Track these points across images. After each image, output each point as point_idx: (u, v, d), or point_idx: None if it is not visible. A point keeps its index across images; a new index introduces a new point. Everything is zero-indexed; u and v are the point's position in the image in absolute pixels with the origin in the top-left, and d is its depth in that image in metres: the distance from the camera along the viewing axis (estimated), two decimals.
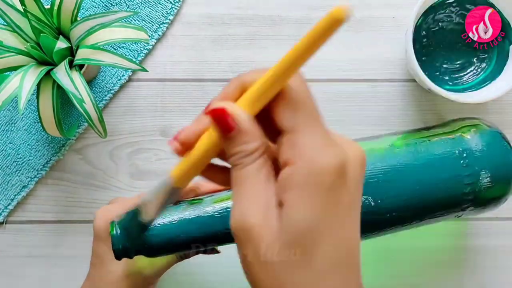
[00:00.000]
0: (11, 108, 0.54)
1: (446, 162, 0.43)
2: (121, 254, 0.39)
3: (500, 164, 0.44)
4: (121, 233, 0.38)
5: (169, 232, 0.40)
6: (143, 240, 0.39)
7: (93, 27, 0.45)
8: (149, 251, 0.40)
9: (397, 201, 0.42)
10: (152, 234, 0.39)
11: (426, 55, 0.52)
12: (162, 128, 0.54)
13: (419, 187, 0.42)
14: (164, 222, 0.40)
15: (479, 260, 0.55)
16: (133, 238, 0.38)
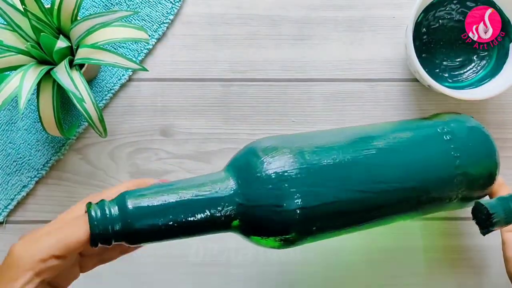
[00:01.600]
0: (11, 108, 0.54)
1: (432, 139, 0.44)
2: (98, 239, 0.36)
3: (479, 140, 0.45)
4: (101, 215, 0.36)
5: (156, 215, 0.37)
6: (125, 224, 0.37)
7: (93, 27, 0.45)
8: (131, 237, 0.37)
9: (397, 179, 0.42)
10: (135, 217, 0.37)
11: (426, 52, 0.52)
12: (162, 128, 0.54)
13: (412, 166, 0.43)
14: (147, 204, 0.37)
15: (479, 260, 0.55)
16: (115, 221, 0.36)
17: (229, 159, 0.43)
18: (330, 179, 0.40)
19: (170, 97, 0.54)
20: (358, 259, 0.55)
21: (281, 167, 0.39)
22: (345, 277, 0.55)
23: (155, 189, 0.39)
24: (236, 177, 0.40)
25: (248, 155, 0.41)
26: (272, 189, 0.39)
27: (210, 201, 0.38)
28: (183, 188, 0.38)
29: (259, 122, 0.54)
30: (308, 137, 0.43)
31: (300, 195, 0.39)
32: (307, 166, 0.39)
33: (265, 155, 0.40)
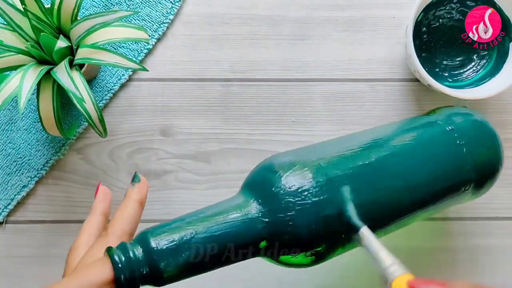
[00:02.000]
0: (11, 108, 0.54)
1: (437, 132, 0.45)
2: (125, 284, 0.34)
3: (477, 125, 0.46)
4: (125, 259, 0.34)
5: (183, 252, 0.36)
6: (153, 266, 0.35)
7: (93, 27, 0.45)
8: (159, 278, 0.35)
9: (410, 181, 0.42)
10: (161, 257, 0.35)
11: (426, 51, 0.52)
12: (162, 128, 0.54)
13: (425, 162, 0.43)
14: (173, 241, 0.36)
15: (479, 260, 0.55)
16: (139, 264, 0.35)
17: (229, 161, 0.43)
18: (351, 188, 0.40)
19: (170, 97, 0.54)
20: (359, 259, 0.55)
21: (301, 183, 0.38)
22: (345, 277, 0.55)
23: (177, 223, 0.37)
24: (257, 198, 0.39)
25: (266, 173, 0.40)
26: (295, 204, 0.38)
27: (237, 227, 0.37)
28: (206, 219, 0.37)
29: (259, 122, 0.54)
30: (321, 148, 0.43)
31: (324, 207, 0.38)
32: (326, 178, 0.39)
33: (284, 172, 0.39)
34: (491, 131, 0.47)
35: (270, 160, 0.42)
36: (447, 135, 0.45)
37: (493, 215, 0.55)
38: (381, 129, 0.47)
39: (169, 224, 0.37)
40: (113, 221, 0.39)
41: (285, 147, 0.54)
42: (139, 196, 0.40)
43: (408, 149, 0.44)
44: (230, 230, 0.37)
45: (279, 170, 0.39)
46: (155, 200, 0.54)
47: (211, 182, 0.54)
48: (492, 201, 0.55)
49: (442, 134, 0.45)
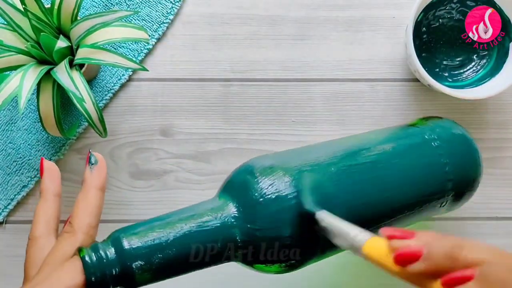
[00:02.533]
0: (11, 108, 0.54)
1: (422, 146, 0.45)
2: (96, 284, 0.34)
3: (463, 143, 0.46)
4: (97, 260, 0.34)
5: (157, 253, 0.35)
6: (124, 267, 0.34)
7: (93, 27, 0.45)
8: (130, 280, 0.34)
9: (391, 189, 0.42)
10: (133, 258, 0.34)
11: (426, 51, 0.52)
12: (162, 128, 0.54)
13: (407, 174, 0.43)
14: (146, 242, 0.35)
15: None
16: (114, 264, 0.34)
17: (228, 161, 0.43)
18: (330, 198, 0.39)
19: (170, 97, 0.54)
20: (357, 259, 0.54)
21: (280, 189, 0.38)
22: (344, 277, 0.55)
23: (152, 223, 0.36)
24: (233, 201, 0.38)
25: (244, 177, 0.39)
26: (272, 214, 0.37)
27: (212, 231, 0.36)
28: (182, 220, 0.36)
29: (259, 122, 0.54)
30: (302, 154, 0.43)
31: (300, 217, 0.37)
32: (303, 185, 0.38)
33: (262, 177, 0.38)
34: (473, 147, 0.47)
35: (248, 163, 0.41)
36: (430, 146, 0.45)
37: (493, 215, 0.55)
38: (365, 136, 0.47)
39: (144, 224, 0.36)
40: (77, 214, 0.37)
41: (285, 147, 0.54)
42: (99, 182, 0.38)
43: (389, 157, 0.43)
44: (205, 234, 0.36)
45: (256, 174, 0.39)
46: (155, 200, 0.54)
47: (211, 182, 0.54)
48: (492, 201, 0.55)
49: (424, 145, 0.45)
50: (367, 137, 0.47)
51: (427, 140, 0.45)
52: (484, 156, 0.54)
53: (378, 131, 0.49)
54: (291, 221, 0.37)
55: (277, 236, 0.37)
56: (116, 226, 0.54)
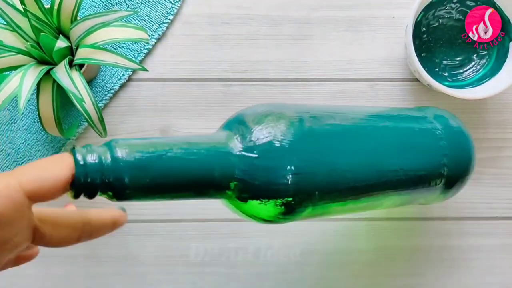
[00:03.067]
0: (11, 108, 0.54)
1: (424, 127, 0.45)
2: (82, 187, 0.32)
3: (462, 135, 0.46)
4: (90, 163, 0.31)
5: (152, 166, 0.33)
6: (117, 175, 0.32)
7: (93, 27, 0.45)
8: (121, 190, 0.33)
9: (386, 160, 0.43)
10: (127, 168, 0.32)
11: (426, 51, 0.52)
12: (162, 128, 0.54)
13: (408, 148, 0.44)
14: (143, 151, 0.33)
15: (479, 260, 0.55)
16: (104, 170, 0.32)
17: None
18: (330, 145, 0.40)
19: (170, 97, 0.54)
20: (356, 259, 0.55)
21: (281, 130, 0.38)
22: (344, 277, 0.55)
23: (152, 139, 0.35)
24: (238, 133, 0.38)
25: (253, 113, 0.40)
26: (273, 149, 0.37)
27: (212, 156, 0.36)
28: (183, 142, 0.35)
29: None
30: (309, 106, 0.43)
31: (299, 159, 0.38)
32: (307, 130, 0.39)
33: (269, 117, 0.39)
34: (469, 138, 0.47)
35: (260, 106, 0.41)
36: (429, 127, 0.45)
37: (494, 214, 0.55)
38: (370, 108, 0.48)
39: (142, 138, 0.35)
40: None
41: None
42: (118, 223, 0.36)
43: (390, 129, 0.44)
44: (205, 158, 0.35)
45: (266, 113, 0.39)
46: None
47: None
48: (492, 201, 0.55)
49: (425, 125, 0.46)
50: (373, 108, 0.48)
51: (428, 122, 0.46)
52: (484, 156, 0.54)
53: (384, 107, 0.49)
54: (290, 152, 0.37)
55: (276, 166, 0.37)
56: None
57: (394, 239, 0.55)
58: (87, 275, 0.46)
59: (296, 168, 0.38)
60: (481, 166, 0.54)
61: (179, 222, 0.54)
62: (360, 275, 0.54)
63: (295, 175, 0.37)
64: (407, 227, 0.55)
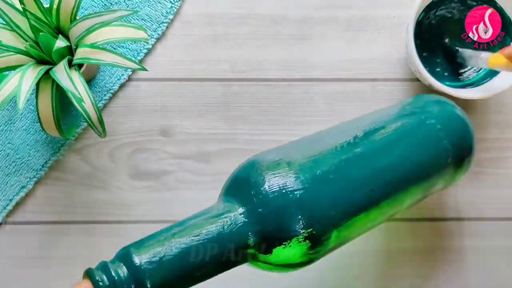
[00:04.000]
0: (10, 108, 0.53)
1: (416, 123, 0.46)
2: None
3: (453, 115, 0.47)
4: (109, 281, 0.33)
5: (173, 266, 0.34)
6: (138, 284, 0.33)
7: (93, 26, 0.45)
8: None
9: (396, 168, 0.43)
10: (148, 274, 0.33)
11: (427, 51, 0.52)
12: (162, 128, 0.54)
13: (409, 151, 0.44)
14: (161, 255, 0.34)
15: (479, 260, 0.55)
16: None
17: (228, 161, 0.43)
18: (336, 169, 0.40)
19: (170, 97, 0.54)
20: (358, 260, 0.55)
21: (287, 184, 0.38)
22: (345, 279, 0.54)
23: (159, 237, 0.36)
24: (239, 199, 0.38)
25: (248, 174, 0.40)
26: (280, 196, 0.38)
27: (223, 234, 0.36)
28: (190, 229, 0.36)
29: (259, 122, 0.54)
30: (303, 145, 0.43)
31: (306, 191, 0.38)
32: (309, 176, 0.39)
33: (268, 171, 0.39)
34: (460, 115, 0.47)
35: (251, 161, 0.41)
36: (425, 123, 0.45)
37: (496, 215, 0.55)
38: (362, 122, 0.47)
39: (152, 237, 0.36)
40: None
41: None
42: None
43: (392, 142, 0.44)
44: (216, 238, 0.36)
45: (262, 169, 0.39)
46: (155, 201, 0.54)
47: (211, 182, 0.54)
48: (494, 201, 0.55)
49: (420, 123, 0.45)
50: (365, 122, 0.47)
51: (422, 118, 0.46)
52: (485, 156, 0.54)
53: (372, 115, 0.48)
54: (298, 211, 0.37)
55: (284, 206, 0.38)
56: (116, 226, 0.54)
57: (396, 241, 0.55)
58: None
59: (305, 199, 0.38)
60: (482, 166, 0.54)
61: None
62: (362, 277, 0.54)
63: (306, 206, 0.38)
64: (409, 228, 0.55)
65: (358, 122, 0.47)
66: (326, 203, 0.39)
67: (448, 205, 0.55)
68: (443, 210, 0.55)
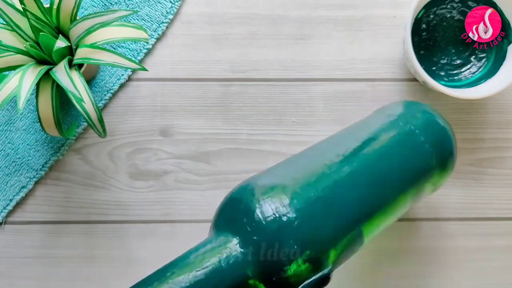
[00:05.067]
0: (10, 108, 0.53)
1: (398, 133, 0.45)
2: None
3: (432, 120, 0.46)
4: None
5: None
6: None
7: (93, 26, 0.45)
8: None
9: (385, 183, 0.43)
10: None
11: (424, 49, 0.52)
12: (162, 128, 0.54)
13: (396, 164, 0.44)
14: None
15: (480, 260, 0.55)
16: None
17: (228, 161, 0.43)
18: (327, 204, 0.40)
19: (169, 97, 0.54)
20: (357, 260, 0.54)
21: (277, 207, 0.38)
22: (344, 278, 0.54)
23: (159, 278, 0.36)
24: (232, 232, 0.38)
25: (238, 205, 0.39)
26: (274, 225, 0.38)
27: (219, 270, 0.36)
28: (184, 270, 0.36)
29: (259, 122, 0.54)
30: (291, 168, 0.43)
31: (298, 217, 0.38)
32: (302, 200, 0.39)
33: (258, 201, 0.38)
34: (436, 118, 0.47)
35: (239, 188, 0.41)
36: (409, 134, 0.45)
37: (496, 215, 0.55)
38: (349, 137, 0.47)
39: (147, 283, 0.36)
40: None
41: (285, 147, 0.54)
42: None
43: (379, 156, 0.44)
44: (215, 275, 0.36)
45: (253, 196, 0.39)
46: (154, 201, 0.54)
47: (211, 182, 0.54)
48: (493, 201, 0.55)
49: (404, 135, 0.45)
50: (352, 138, 0.47)
51: (406, 131, 0.45)
52: (485, 156, 0.54)
53: (360, 130, 0.48)
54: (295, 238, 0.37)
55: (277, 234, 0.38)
56: (116, 226, 0.54)
57: (394, 240, 0.55)
58: (87, 276, 0.46)
59: (299, 223, 0.38)
60: (482, 166, 0.54)
61: (179, 222, 0.54)
62: (360, 276, 0.54)
63: (300, 230, 0.37)
64: (408, 228, 0.55)
65: (346, 137, 0.46)
66: (319, 224, 0.38)
67: (448, 205, 0.55)
68: (443, 210, 0.55)
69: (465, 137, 0.55)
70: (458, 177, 0.54)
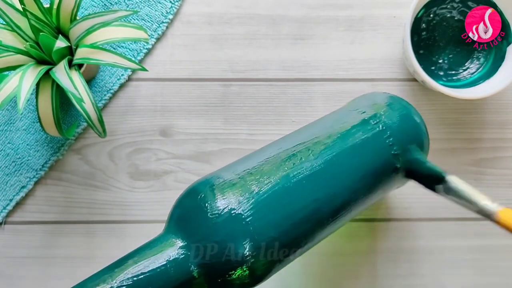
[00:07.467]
0: (10, 108, 0.53)
1: (364, 130, 0.43)
2: None
3: (405, 117, 0.44)
4: None
5: None
6: None
7: (93, 26, 0.45)
8: None
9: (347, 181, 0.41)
10: None
11: (424, 49, 0.52)
12: (162, 128, 0.54)
13: (356, 162, 0.42)
14: None
15: (480, 260, 0.55)
16: None
17: (228, 161, 0.43)
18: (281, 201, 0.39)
19: (169, 97, 0.54)
20: (356, 260, 0.55)
21: (233, 207, 0.37)
22: (344, 278, 0.54)
23: (102, 277, 0.36)
24: (178, 234, 0.38)
25: (188, 204, 0.39)
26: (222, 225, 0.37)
27: (170, 268, 0.36)
28: (135, 264, 0.36)
29: (259, 122, 0.54)
30: (248, 164, 0.41)
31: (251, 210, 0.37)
32: (254, 201, 0.38)
33: (208, 199, 0.38)
34: (416, 121, 0.45)
35: (190, 188, 0.41)
36: (372, 131, 0.43)
37: None
38: (309, 133, 0.44)
39: (91, 280, 0.36)
40: None
41: None
42: None
43: (340, 154, 0.42)
44: (160, 274, 0.36)
45: (203, 195, 0.38)
46: (154, 201, 0.54)
47: None
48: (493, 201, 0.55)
49: (366, 131, 0.43)
50: (313, 132, 0.44)
51: (369, 129, 0.43)
52: (484, 157, 0.54)
53: (321, 123, 0.46)
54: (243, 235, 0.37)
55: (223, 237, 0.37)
56: (116, 226, 0.54)
57: (394, 240, 0.55)
58: (87, 276, 0.45)
59: (250, 223, 0.37)
60: (481, 166, 0.54)
61: None
62: (360, 276, 0.54)
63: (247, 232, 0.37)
64: (408, 227, 0.55)
65: (309, 133, 0.44)
66: (270, 224, 0.37)
67: (448, 205, 0.55)
68: (443, 210, 0.55)
69: (464, 137, 0.55)
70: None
